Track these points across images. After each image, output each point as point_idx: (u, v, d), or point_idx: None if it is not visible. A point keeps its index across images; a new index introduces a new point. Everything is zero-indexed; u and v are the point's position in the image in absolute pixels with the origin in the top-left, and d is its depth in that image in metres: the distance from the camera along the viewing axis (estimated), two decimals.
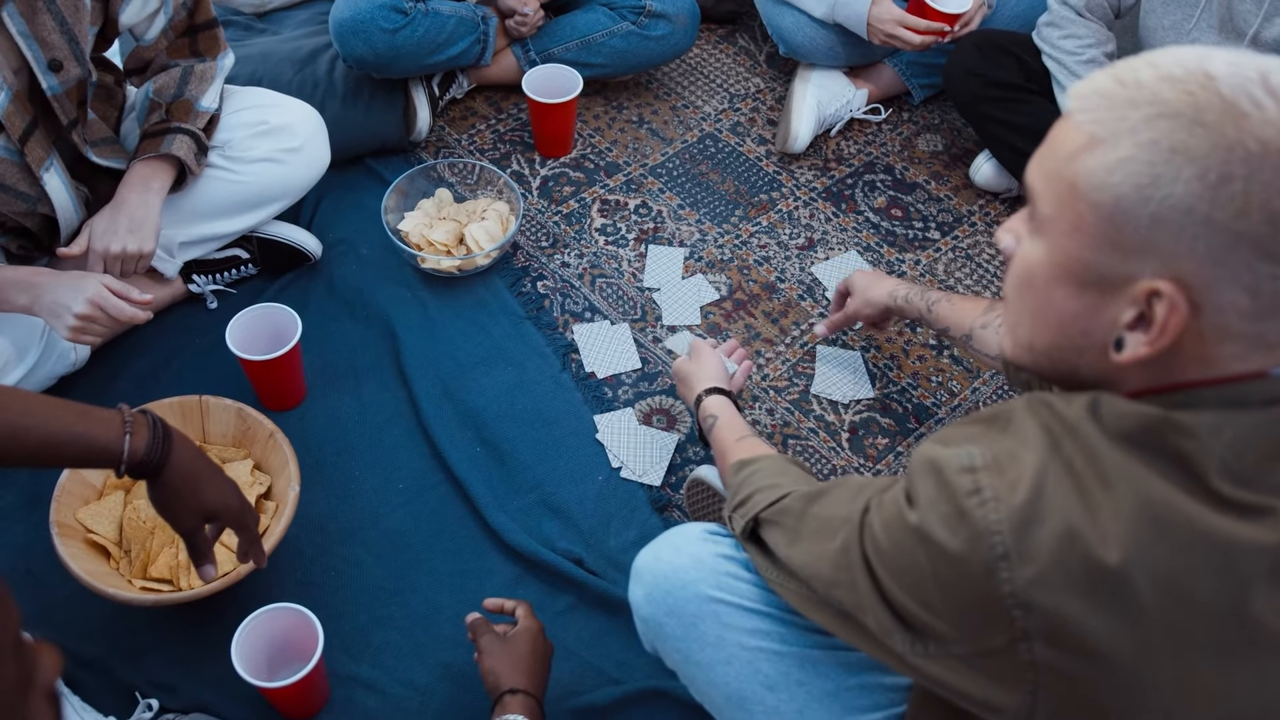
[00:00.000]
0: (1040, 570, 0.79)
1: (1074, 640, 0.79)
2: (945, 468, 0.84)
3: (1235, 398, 0.80)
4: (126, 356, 1.90)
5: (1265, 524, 0.78)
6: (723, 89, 2.49)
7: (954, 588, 0.84)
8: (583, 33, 2.29)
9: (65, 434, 1.20)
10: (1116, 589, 0.78)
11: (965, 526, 0.82)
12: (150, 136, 1.75)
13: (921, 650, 0.90)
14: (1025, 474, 0.81)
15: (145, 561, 1.57)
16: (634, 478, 1.80)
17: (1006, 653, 0.83)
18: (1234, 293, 0.76)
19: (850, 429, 1.89)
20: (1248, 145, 0.74)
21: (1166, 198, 0.76)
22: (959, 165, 2.35)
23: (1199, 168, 0.75)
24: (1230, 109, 0.75)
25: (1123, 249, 0.79)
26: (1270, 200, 0.74)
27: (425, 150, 2.30)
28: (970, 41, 2.17)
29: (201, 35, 1.82)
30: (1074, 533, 0.78)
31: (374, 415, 1.87)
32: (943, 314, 1.65)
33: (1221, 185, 0.74)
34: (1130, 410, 0.81)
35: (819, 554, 1.03)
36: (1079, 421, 0.82)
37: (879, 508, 0.93)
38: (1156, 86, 0.78)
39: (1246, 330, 0.78)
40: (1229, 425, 0.79)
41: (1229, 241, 0.75)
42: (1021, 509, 0.80)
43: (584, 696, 1.56)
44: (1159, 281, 0.78)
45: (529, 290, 2.06)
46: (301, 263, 2.03)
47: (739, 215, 2.22)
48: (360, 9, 2.09)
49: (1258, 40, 1.82)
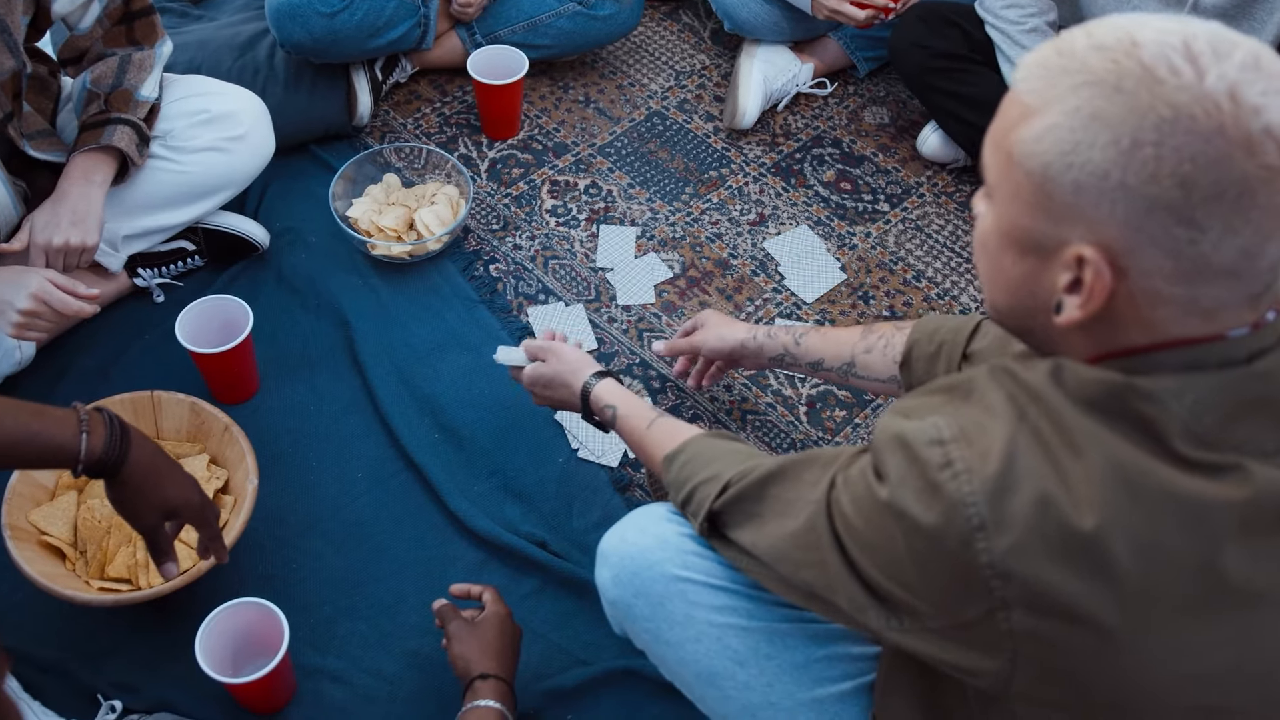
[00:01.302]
0: (1017, 538, 0.80)
1: (1053, 607, 0.80)
2: (913, 442, 0.85)
3: (1193, 360, 0.81)
4: (74, 354, 1.86)
5: (1230, 480, 0.79)
6: (668, 66, 2.48)
7: (930, 562, 0.84)
8: (529, 14, 2.27)
9: (19, 434, 1.17)
10: (1093, 553, 0.79)
11: (939, 500, 0.82)
12: (90, 128, 1.71)
13: (898, 625, 0.91)
14: (995, 444, 0.82)
15: (102, 561, 1.55)
16: (592, 458, 1.80)
17: (985, 623, 0.83)
18: (1156, 257, 0.77)
19: (808, 402, 1.90)
20: (1160, 111, 0.75)
21: (1086, 164, 0.77)
22: (906, 137, 2.36)
23: (1113, 133, 0.76)
24: (1148, 75, 0.76)
25: (1053, 215, 0.80)
26: (1180, 165, 0.75)
27: (371, 135, 2.27)
28: (914, 14, 2.18)
29: (138, 23, 1.78)
30: (1048, 499, 0.79)
31: (330, 405, 1.85)
32: (814, 345, 1.55)
33: (1134, 150, 0.76)
34: (1092, 376, 0.82)
35: (783, 536, 1.03)
36: (1043, 388, 0.83)
37: (846, 485, 0.93)
38: (1086, 55, 0.79)
39: (1176, 294, 0.79)
40: (1189, 389, 0.80)
41: (1145, 206, 0.76)
42: (995, 478, 0.80)
43: (554, 678, 1.56)
44: (1083, 246, 0.79)
45: (482, 274, 2.05)
46: (249, 253, 2.00)
47: (689, 193, 2.22)
48: None
49: (1199, 6, 1.84)
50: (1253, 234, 0.76)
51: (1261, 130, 0.74)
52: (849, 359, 1.50)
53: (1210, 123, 0.74)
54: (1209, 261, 0.77)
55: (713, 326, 1.69)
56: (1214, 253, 0.76)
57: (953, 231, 2.19)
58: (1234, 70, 0.75)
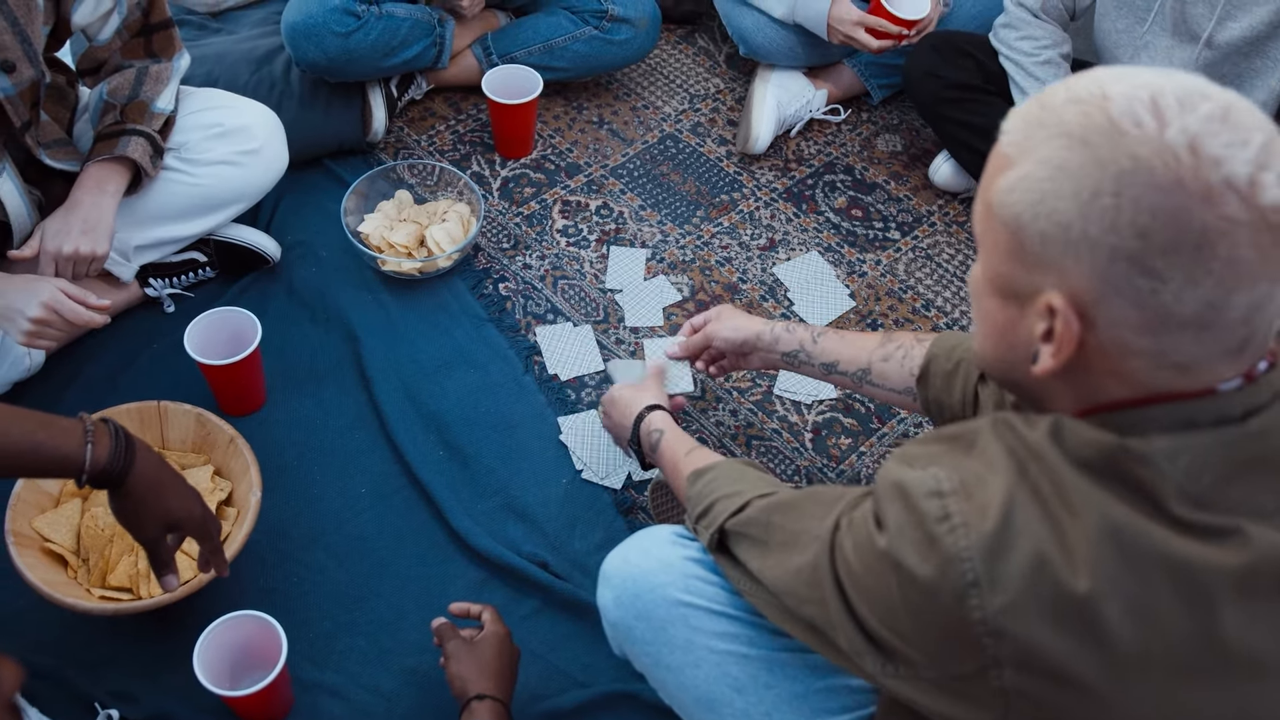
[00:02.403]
0: (1012, 598, 0.79)
1: (1045, 667, 0.80)
2: (913, 492, 0.85)
3: (1186, 418, 0.80)
4: (83, 362, 1.87)
5: (1229, 545, 0.79)
6: (683, 89, 2.49)
7: (924, 614, 0.84)
8: (545, 37, 2.28)
9: (25, 443, 1.18)
10: (1086, 616, 0.78)
11: (935, 553, 0.82)
12: (105, 138, 1.72)
13: (893, 671, 0.91)
14: (994, 499, 0.81)
15: (104, 570, 1.55)
16: (596, 480, 1.80)
17: (977, 678, 0.83)
18: (1121, 307, 0.78)
19: (813, 429, 1.90)
20: (1121, 163, 0.75)
21: (1052, 214, 0.78)
22: (918, 165, 2.36)
23: (1076, 185, 0.77)
24: (1113, 128, 0.77)
25: (1027, 263, 0.81)
26: (1138, 215, 0.75)
27: (384, 151, 2.28)
28: (928, 43, 2.19)
29: (156, 35, 1.79)
30: (1044, 560, 0.79)
31: (335, 419, 1.85)
32: (831, 346, 1.52)
33: (1094, 200, 0.76)
34: (1088, 437, 0.82)
35: (789, 569, 1.03)
36: (1043, 447, 0.83)
37: (850, 528, 0.93)
38: (1062, 109, 0.80)
39: (1145, 345, 0.78)
40: (1184, 450, 0.79)
41: (1107, 256, 0.76)
42: (992, 535, 0.80)
43: (551, 700, 1.55)
44: (1054, 295, 0.80)
45: (490, 292, 2.05)
46: (260, 266, 2.01)
47: (700, 216, 2.23)
48: (312, 12, 2.07)
49: (1211, 43, 1.84)
50: (1214, 285, 0.75)
51: (1222, 182, 0.74)
52: (865, 365, 1.47)
53: (1169, 174, 0.74)
54: (1172, 313, 0.76)
55: (727, 318, 1.65)
56: (1176, 304, 0.76)
57: (963, 261, 2.19)
58: (1197, 122, 0.75)
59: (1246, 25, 1.82)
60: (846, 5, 2.17)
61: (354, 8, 2.10)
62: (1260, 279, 0.76)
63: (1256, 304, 0.76)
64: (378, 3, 2.14)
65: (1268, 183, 0.74)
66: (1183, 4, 1.85)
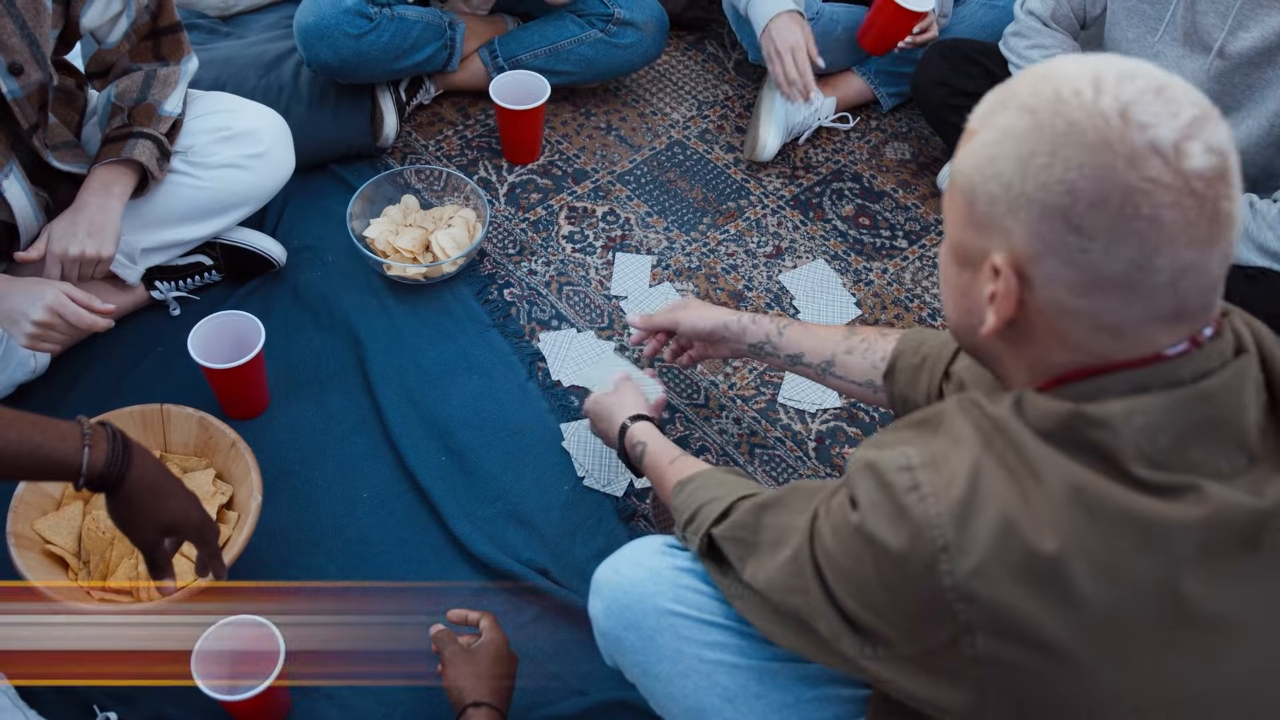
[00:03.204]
0: (980, 560, 0.82)
1: (1016, 630, 0.82)
2: (884, 468, 0.88)
3: (1138, 383, 0.83)
4: (88, 364, 1.88)
5: (1187, 501, 0.81)
6: (691, 96, 2.49)
7: (898, 587, 0.86)
8: (551, 40, 2.29)
9: (23, 446, 1.18)
10: (1055, 576, 0.80)
11: (907, 523, 0.85)
12: (112, 141, 1.73)
13: (870, 653, 0.93)
14: (961, 469, 0.84)
15: (104, 573, 1.56)
16: (598, 487, 1.79)
17: (951, 649, 0.85)
18: (1055, 264, 0.82)
19: (817, 438, 1.89)
20: (1057, 126, 0.80)
21: (998, 175, 0.83)
22: (926, 173, 2.36)
23: (1017, 147, 0.82)
24: (1054, 96, 0.82)
25: (977, 227, 0.86)
26: (1068, 173, 0.79)
27: (392, 156, 2.29)
28: (937, 51, 2.18)
29: (165, 39, 1.80)
30: (1011, 522, 0.81)
31: (338, 424, 1.85)
32: (795, 337, 1.55)
33: (1030, 159, 0.81)
34: (1047, 408, 0.85)
35: (775, 564, 1.05)
36: (1006, 419, 0.86)
37: (828, 514, 0.95)
38: (1020, 85, 0.85)
39: (1079, 306, 0.82)
40: (1138, 411, 0.82)
41: (1039, 212, 0.81)
42: (959, 502, 0.83)
43: (548, 708, 1.55)
44: (996, 257, 0.84)
45: (495, 298, 2.05)
46: (266, 269, 2.02)
47: (707, 223, 2.22)
48: (324, 14, 2.08)
49: (1224, 53, 1.83)
50: (1139, 244, 0.79)
51: (1147, 145, 0.78)
52: (829, 357, 1.50)
53: (1097, 135, 0.79)
54: (1101, 272, 0.80)
55: (694, 306, 1.68)
56: (1104, 261, 0.80)
57: None
58: (1131, 93, 0.80)
59: (1258, 35, 1.80)
60: (796, 26, 2.14)
61: (366, 10, 2.10)
62: (1184, 244, 0.79)
63: (1181, 269, 0.80)
64: (389, 5, 2.14)
65: (1193, 151, 0.78)
66: (1194, 13, 1.84)
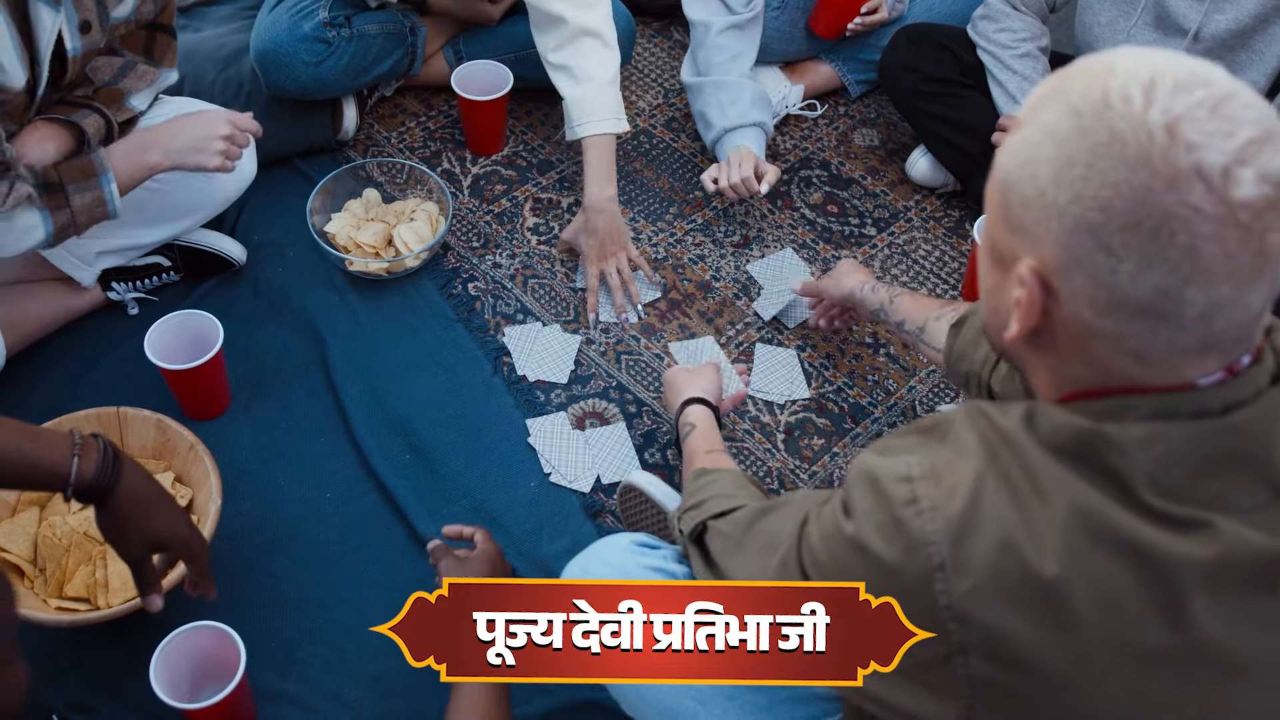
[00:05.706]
0: (977, 582, 0.78)
1: (1011, 654, 0.79)
2: (882, 477, 0.84)
3: (1164, 409, 0.78)
4: (44, 367, 1.84)
5: (1199, 538, 0.77)
6: (657, 84, 2.46)
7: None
8: (519, 46, 2.23)
9: (12, 454, 1.16)
10: (1053, 601, 0.77)
11: (902, 536, 0.82)
12: (66, 104, 1.67)
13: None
14: (962, 483, 0.81)
15: (61, 580, 1.53)
16: (564, 483, 1.77)
17: (943, 667, 0.82)
18: (1081, 280, 0.77)
19: (786, 430, 1.88)
20: (1099, 134, 0.75)
21: (1033, 178, 0.78)
22: (895, 160, 2.34)
23: (1056, 150, 0.77)
24: (1102, 101, 0.76)
25: (1010, 227, 0.81)
26: (1103, 189, 0.74)
27: (354, 149, 2.26)
28: (905, 36, 2.17)
29: (159, 36, 1.78)
30: (1011, 543, 0.78)
31: (301, 423, 1.83)
32: (903, 306, 1.65)
33: (1068, 168, 0.76)
34: (1064, 422, 0.81)
35: (759, 569, 1.02)
36: (1014, 432, 0.82)
37: (817, 520, 0.93)
38: (1075, 77, 0.79)
39: (1104, 327, 0.77)
40: (1158, 439, 0.78)
41: (1070, 226, 0.76)
42: (959, 518, 0.80)
43: (517, 709, 1.53)
44: (1025, 261, 0.80)
45: (459, 292, 2.03)
46: (225, 270, 1.98)
47: (674, 213, 2.20)
48: (281, 41, 2.03)
49: (1199, 36, 1.82)
50: (1169, 273, 0.73)
51: (1191, 168, 0.72)
52: (922, 324, 1.58)
53: (1139, 152, 0.73)
54: (1128, 295, 0.75)
55: (839, 273, 1.81)
56: (1131, 286, 0.74)
57: (939, 257, 2.16)
58: (1183, 105, 0.73)
59: (1233, 18, 1.80)
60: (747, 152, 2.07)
61: (324, 34, 2.06)
62: (1221, 278, 0.73)
63: (1215, 304, 0.74)
64: (349, 23, 2.10)
65: (1244, 178, 0.72)
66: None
